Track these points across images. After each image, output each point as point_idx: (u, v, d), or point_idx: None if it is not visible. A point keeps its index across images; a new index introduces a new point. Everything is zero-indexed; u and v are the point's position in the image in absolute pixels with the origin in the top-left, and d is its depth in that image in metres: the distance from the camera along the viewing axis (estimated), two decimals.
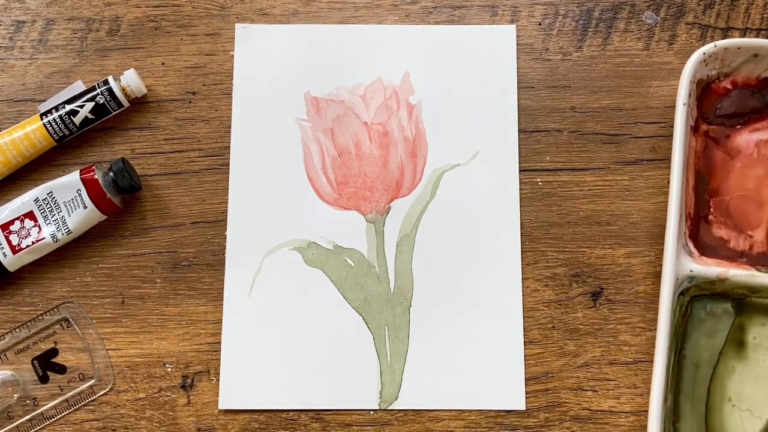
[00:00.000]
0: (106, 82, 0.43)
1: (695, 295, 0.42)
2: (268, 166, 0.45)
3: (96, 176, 0.42)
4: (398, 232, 0.44)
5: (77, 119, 0.43)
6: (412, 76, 0.45)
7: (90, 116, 0.43)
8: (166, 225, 0.44)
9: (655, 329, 0.41)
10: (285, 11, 0.46)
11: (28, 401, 0.42)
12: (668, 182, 0.41)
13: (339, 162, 0.44)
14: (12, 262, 0.42)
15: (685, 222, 0.42)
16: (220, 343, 0.43)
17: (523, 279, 0.43)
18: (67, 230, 0.42)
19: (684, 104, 0.41)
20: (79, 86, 0.44)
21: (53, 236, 0.42)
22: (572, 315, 0.43)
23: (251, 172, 0.44)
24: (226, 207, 0.44)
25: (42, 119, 0.43)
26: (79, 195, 0.42)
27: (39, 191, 0.42)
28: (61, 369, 0.43)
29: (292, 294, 0.43)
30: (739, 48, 0.42)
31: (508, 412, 0.42)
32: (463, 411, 0.42)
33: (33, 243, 0.42)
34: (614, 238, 0.44)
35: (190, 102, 0.45)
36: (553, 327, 0.43)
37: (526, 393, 0.42)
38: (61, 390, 0.42)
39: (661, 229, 0.42)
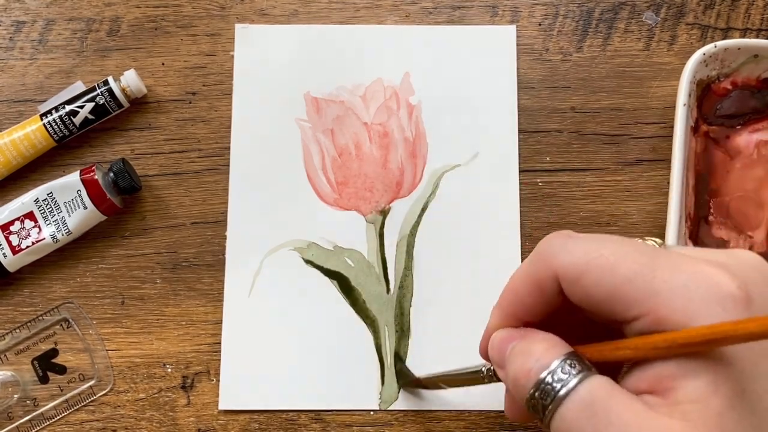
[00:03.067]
0: (106, 83, 0.43)
1: None
2: (268, 167, 0.45)
3: (96, 177, 0.42)
4: (398, 233, 0.44)
5: (77, 119, 0.43)
6: (412, 76, 0.45)
7: (90, 116, 0.43)
8: (166, 225, 0.44)
9: None
10: (285, 11, 0.46)
11: (28, 402, 0.42)
12: (668, 183, 0.41)
13: (339, 162, 0.44)
14: (12, 263, 0.42)
15: (685, 223, 0.42)
16: (220, 343, 0.43)
17: None
18: (67, 231, 0.42)
19: (684, 105, 0.41)
20: (79, 86, 0.44)
21: (53, 237, 0.42)
22: None
23: (251, 172, 0.44)
24: (226, 207, 0.44)
25: (42, 119, 0.43)
26: (79, 195, 0.42)
27: (39, 192, 0.42)
28: (61, 369, 0.43)
29: (292, 294, 0.43)
30: (739, 48, 0.42)
31: None
32: (463, 412, 0.42)
33: (33, 243, 0.42)
34: None
35: (190, 102, 0.45)
36: None
37: None
38: (61, 390, 0.42)
39: (661, 229, 0.42)
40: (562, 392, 0.24)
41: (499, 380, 0.31)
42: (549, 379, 0.24)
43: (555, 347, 0.25)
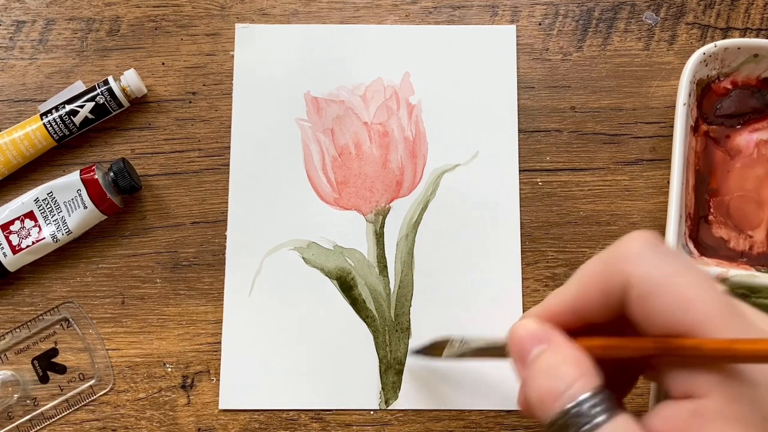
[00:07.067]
0: (106, 82, 0.43)
1: None
2: (268, 166, 0.45)
3: (96, 176, 0.42)
4: (398, 233, 0.44)
5: (77, 119, 0.43)
6: (412, 76, 0.45)
7: (90, 116, 0.43)
8: (166, 225, 0.44)
9: None
10: (285, 11, 0.46)
11: (28, 401, 0.42)
12: (668, 182, 0.41)
13: (339, 162, 0.45)
14: (12, 262, 0.42)
15: (685, 222, 0.42)
16: (220, 343, 0.43)
17: (523, 279, 0.43)
18: (67, 230, 0.42)
19: (684, 104, 0.41)
20: (79, 86, 0.44)
21: (53, 236, 0.42)
22: None
23: (251, 172, 0.44)
24: (226, 207, 0.44)
25: (42, 119, 0.43)
26: (80, 195, 0.42)
27: (39, 191, 0.42)
28: (61, 369, 0.43)
29: (292, 294, 0.43)
30: (739, 48, 0.42)
31: (508, 412, 0.42)
32: (463, 411, 0.42)
33: (33, 243, 0.42)
34: (614, 238, 0.43)
35: (190, 102, 0.45)
36: None
37: None
38: (61, 390, 0.42)
39: (661, 229, 0.42)
40: (587, 428, 0.23)
41: None
42: (576, 411, 0.24)
43: (586, 377, 0.24)
